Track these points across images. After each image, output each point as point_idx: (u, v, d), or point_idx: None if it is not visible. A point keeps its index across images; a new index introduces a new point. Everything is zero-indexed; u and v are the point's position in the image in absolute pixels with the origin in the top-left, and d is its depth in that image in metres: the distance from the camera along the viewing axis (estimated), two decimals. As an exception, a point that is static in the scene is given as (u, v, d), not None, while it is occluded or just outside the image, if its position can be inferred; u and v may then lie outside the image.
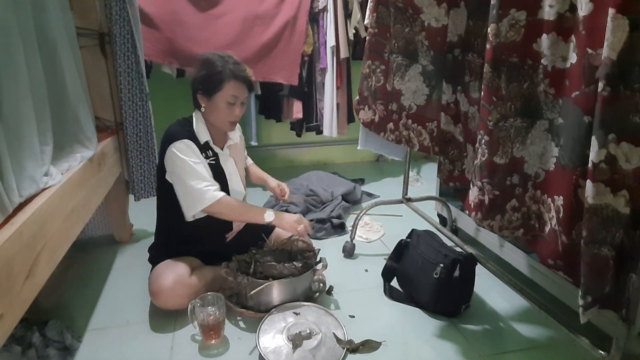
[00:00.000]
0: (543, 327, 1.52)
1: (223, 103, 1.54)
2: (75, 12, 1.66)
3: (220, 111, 1.55)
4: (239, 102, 1.56)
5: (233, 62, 1.54)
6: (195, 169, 1.50)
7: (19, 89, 1.12)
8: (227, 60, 1.54)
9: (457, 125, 1.49)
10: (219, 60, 1.53)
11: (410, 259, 1.69)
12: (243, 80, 1.54)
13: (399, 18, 1.57)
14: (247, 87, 1.56)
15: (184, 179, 1.51)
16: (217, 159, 1.61)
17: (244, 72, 1.54)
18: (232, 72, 1.52)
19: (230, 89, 1.52)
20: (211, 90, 1.53)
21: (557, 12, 1.03)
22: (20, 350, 1.28)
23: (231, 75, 1.51)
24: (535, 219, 1.19)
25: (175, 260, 1.58)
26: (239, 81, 1.53)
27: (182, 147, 1.52)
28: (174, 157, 1.51)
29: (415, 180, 3.07)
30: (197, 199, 1.51)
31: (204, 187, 1.50)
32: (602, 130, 0.90)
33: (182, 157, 1.50)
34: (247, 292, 1.53)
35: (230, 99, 1.53)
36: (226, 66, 1.52)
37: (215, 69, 1.52)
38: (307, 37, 2.70)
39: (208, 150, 1.60)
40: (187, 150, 1.52)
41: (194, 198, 1.52)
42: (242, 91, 1.55)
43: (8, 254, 0.95)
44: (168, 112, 3.02)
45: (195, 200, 1.52)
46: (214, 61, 1.53)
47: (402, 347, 1.44)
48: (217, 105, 1.54)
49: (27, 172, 1.13)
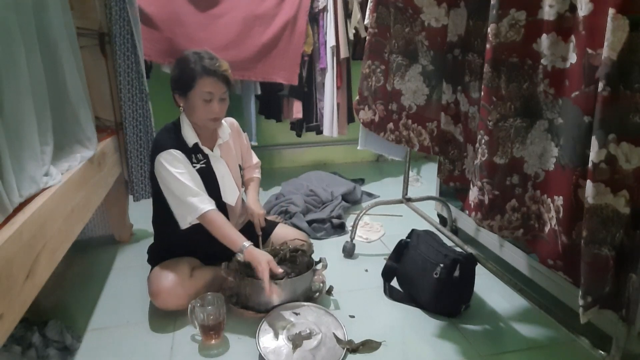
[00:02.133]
0: (543, 327, 1.52)
1: (199, 100, 1.49)
2: (75, 12, 1.66)
3: (198, 109, 1.51)
4: (217, 98, 1.50)
5: (208, 57, 1.49)
6: (181, 180, 1.47)
7: (20, 88, 1.12)
8: (201, 56, 1.49)
9: (457, 125, 1.49)
10: (192, 57, 1.49)
11: (410, 259, 1.69)
12: (216, 75, 1.48)
13: (399, 18, 1.57)
14: (222, 81, 1.50)
15: (172, 191, 1.49)
16: (207, 162, 1.59)
17: (215, 66, 1.48)
18: (203, 67, 1.46)
19: (203, 85, 1.47)
20: (185, 88, 1.49)
21: (557, 12, 1.03)
22: (20, 350, 1.28)
23: (203, 71, 1.46)
24: (534, 219, 1.19)
25: (175, 261, 1.58)
26: (211, 76, 1.47)
27: (168, 158, 1.48)
28: (161, 168, 1.49)
29: (415, 180, 3.07)
30: (185, 211, 1.49)
31: (190, 199, 1.47)
32: (602, 130, 0.90)
33: (168, 169, 1.47)
34: (247, 292, 1.54)
35: (206, 96, 1.48)
36: (198, 62, 1.47)
37: (188, 65, 1.47)
38: (307, 37, 2.70)
39: (198, 153, 1.57)
40: (173, 161, 1.49)
41: (181, 210, 1.49)
42: (217, 86, 1.49)
43: (8, 254, 0.95)
44: (168, 112, 3.03)
45: (183, 213, 1.49)
46: (188, 58, 1.49)
47: (402, 347, 1.44)
48: (194, 103, 1.50)
49: (27, 172, 1.13)
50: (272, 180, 2.97)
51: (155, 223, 1.71)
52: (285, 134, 3.22)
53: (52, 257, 1.21)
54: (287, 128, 3.09)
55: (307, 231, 2.16)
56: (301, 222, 2.25)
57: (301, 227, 2.19)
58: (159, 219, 1.67)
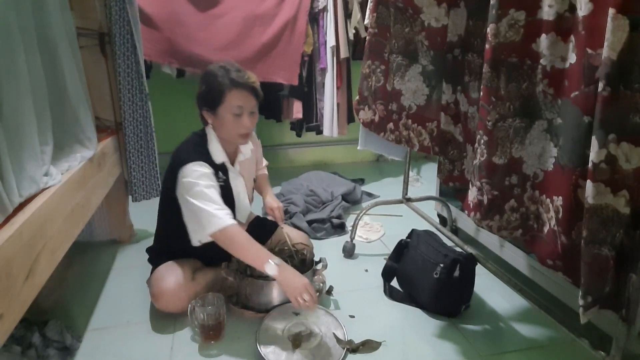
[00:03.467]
0: (543, 327, 1.52)
1: (229, 115, 1.45)
2: (75, 12, 1.66)
3: (228, 124, 1.47)
4: (247, 111, 1.47)
5: (235, 70, 1.46)
6: (206, 192, 1.40)
7: (19, 89, 1.12)
8: (228, 70, 1.45)
9: (456, 126, 1.49)
10: (219, 71, 1.45)
11: (410, 259, 1.69)
12: (246, 88, 1.45)
13: (399, 18, 1.57)
14: (252, 94, 1.47)
15: (194, 202, 1.40)
16: (227, 179, 1.55)
17: (244, 79, 1.45)
18: (232, 80, 1.43)
19: (233, 99, 1.44)
20: (214, 103, 1.45)
21: (557, 12, 1.03)
22: (20, 350, 1.28)
23: (232, 84, 1.43)
24: (533, 220, 1.19)
25: (177, 263, 1.57)
26: (241, 89, 1.44)
27: (195, 170, 1.42)
28: (185, 179, 1.42)
29: (415, 180, 3.07)
30: (205, 222, 1.40)
31: (214, 210, 1.39)
32: (602, 130, 0.90)
33: (194, 181, 1.41)
34: (247, 292, 1.54)
35: (236, 110, 1.45)
36: (226, 75, 1.44)
37: (216, 79, 1.44)
38: (307, 37, 2.70)
39: (220, 170, 1.53)
40: (200, 174, 1.43)
41: (201, 221, 1.41)
42: (247, 100, 1.46)
43: (8, 254, 0.95)
44: (168, 112, 3.04)
45: (202, 224, 1.40)
46: (214, 72, 1.45)
47: (402, 347, 1.44)
48: (224, 118, 1.46)
49: (27, 172, 1.13)
50: (272, 180, 2.92)
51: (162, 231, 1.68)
52: (285, 134, 3.22)
53: (52, 257, 1.21)
54: (287, 128, 3.09)
55: (307, 231, 2.16)
56: (301, 222, 2.25)
57: (301, 227, 2.19)
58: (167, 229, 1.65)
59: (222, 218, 1.39)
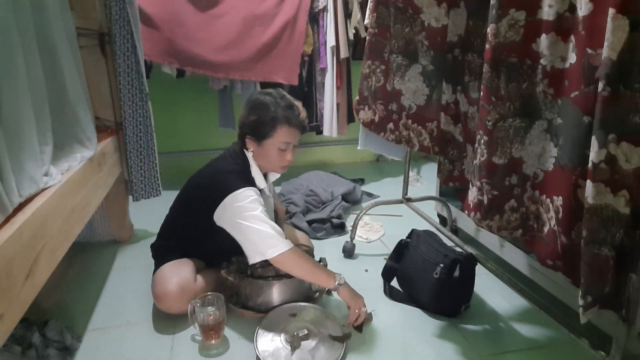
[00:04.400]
0: (543, 327, 1.52)
1: (275, 149, 1.47)
2: (75, 12, 1.66)
3: (271, 157, 1.50)
4: (291, 146, 1.50)
5: (285, 106, 1.47)
6: (262, 216, 1.41)
7: (18, 89, 1.12)
8: (278, 103, 1.46)
9: (456, 126, 1.49)
10: (271, 104, 1.45)
11: (410, 259, 1.69)
12: (296, 126, 1.47)
13: (399, 18, 1.57)
14: (300, 131, 1.50)
15: (256, 225, 1.40)
16: None
17: (298, 118, 1.47)
18: (285, 117, 1.44)
19: (282, 136, 1.46)
20: (262, 136, 1.47)
21: (557, 12, 1.03)
22: (20, 350, 1.28)
23: (285, 121, 1.44)
24: (533, 220, 1.19)
25: (180, 264, 1.56)
26: (292, 127, 1.46)
27: (249, 196, 1.42)
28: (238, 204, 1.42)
29: (415, 180, 3.07)
30: (270, 245, 1.40)
31: (277, 233, 1.40)
32: (602, 130, 0.90)
33: (249, 205, 1.41)
34: (247, 292, 1.54)
35: (283, 145, 1.47)
36: (278, 110, 1.45)
37: (267, 114, 1.45)
38: (307, 37, 2.70)
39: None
40: (252, 199, 1.42)
41: (267, 244, 1.40)
42: (294, 137, 1.49)
43: (8, 254, 0.95)
44: (168, 112, 3.05)
45: (267, 246, 1.40)
46: (266, 104, 1.46)
47: (402, 347, 1.44)
48: (268, 151, 1.49)
49: (27, 172, 1.13)
50: (272, 180, 2.97)
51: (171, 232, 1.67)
52: (285, 134, 3.22)
53: (52, 257, 1.21)
54: (287, 128, 3.09)
55: (307, 231, 2.16)
56: (301, 222, 2.25)
57: (301, 227, 2.19)
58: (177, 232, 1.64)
59: (285, 241, 1.41)
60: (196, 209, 1.53)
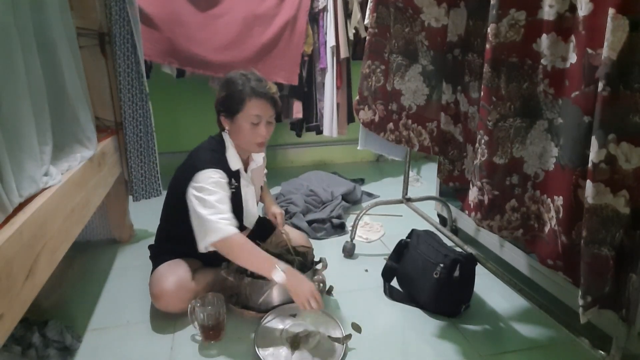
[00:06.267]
0: (543, 327, 1.52)
1: (247, 123, 1.48)
2: (75, 12, 1.66)
3: (244, 132, 1.49)
4: (264, 121, 1.49)
5: (255, 79, 1.48)
6: (213, 202, 1.39)
7: (18, 89, 1.12)
8: (248, 78, 1.47)
9: (457, 126, 1.49)
10: (239, 79, 1.47)
11: (410, 259, 1.69)
12: (265, 97, 1.47)
13: (399, 18, 1.57)
14: (271, 104, 1.49)
15: (200, 211, 1.40)
16: (238, 186, 1.57)
17: (265, 89, 1.47)
18: (252, 89, 1.45)
19: (252, 108, 1.46)
20: (233, 110, 1.48)
21: (557, 12, 1.03)
22: (20, 350, 1.28)
23: (252, 93, 1.45)
24: (534, 219, 1.19)
25: (177, 263, 1.57)
26: (261, 98, 1.46)
27: (211, 177, 1.42)
28: (198, 184, 1.42)
29: (415, 180, 3.07)
30: (208, 231, 1.39)
31: (217, 219, 1.38)
32: (602, 130, 0.90)
33: (205, 187, 1.41)
34: (247, 292, 1.54)
35: (254, 119, 1.47)
36: (247, 84, 1.46)
37: (236, 87, 1.46)
38: (307, 37, 2.70)
39: (233, 178, 1.54)
40: (214, 181, 1.42)
41: (205, 230, 1.40)
42: (265, 109, 1.48)
43: (8, 254, 0.95)
44: (168, 112, 3.05)
45: (206, 233, 1.40)
46: (235, 80, 1.47)
47: (402, 347, 1.44)
48: (241, 126, 1.49)
49: (27, 172, 1.13)
50: (272, 180, 2.96)
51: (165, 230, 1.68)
52: (285, 134, 3.22)
53: (52, 257, 1.21)
54: (287, 128, 3.09)
55: (307, 231, 2.16)
56: (301, 222, 2.25)
57: (301, 227, 2.19)
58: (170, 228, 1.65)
59: (223, 228, 1.38)
60: (178, 196, 1.51)
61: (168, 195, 1.65)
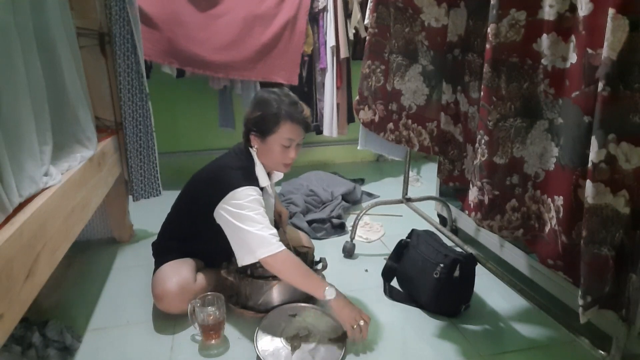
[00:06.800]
0: (543, 327, 1.52)
1: (278, 146, 1.48)
2: (75, 12, 1.66)
3: (274, 153, 1.50)
4: (294, 144, 1.50)
5: (289, 102, 1.48)
6: (257, 217, 1.40)
7: (18, 89, 1.12)
8: (282, 100, 1.47)
9: (457, 125, 1.49)
10: (273, 100, 1.47)
11: (410, 259, 1.69)
12: (300, 122, 1.47)
13: (399, 18, 1.57)
14: (304, 128, 1.50)
15: (243, 227, 1.39)
16: None
17: (301, 115, 1.48)
18: (288, 113, 1.45)
19: (286, 132, 1.46)
20: (266, 131, 1.47)
21: (557, 12, 1.03)
22: (20, 350, 1.28)
23: (287, 117, 1.45)
24: (535, 219, 1.19)
25: (179, 263, 1.56)
26: (295, 123, 1.46)
27: (249, 194, 1.43)
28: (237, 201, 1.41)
29: (415, 180, 3.07)
30: (259, 246, 1.38)
31: (268, 234, 1.39)
32: (602, 130, 0.90)
33: (246, 204, 1.41)
34: (247, 292, 1.54)
35: (286, 142, 1.47)
36: (282, 106, 1.46)
37: (271, 110, 1.46)
38: (307, 37, 2.70)
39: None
40: (252, 199, 1.43)
41: (254, 245, 1.39)
42: (298, 133, 1.49)
43: (8, 254, 0.95)
44: (168, 112, 3.05)
45: (255, 248, 1.39)
46: (269, 100, 1.47)
47: (402, 347, 1.44)
48: (272, 147, 1.49)
49: (27, 172, 1.13)
50: (272, 180, 2.97)
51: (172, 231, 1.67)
52: (285, 134, 3.22)
53: (52, 257, 1.21)
54: (287, 128, 3.09)
55: (307, 231, 2.16)
56: (301, 222, 2.25)
57: (301, 227, 2.19)
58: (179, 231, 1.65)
59: (275, 244, 1.39)
60: (198, 205, 1.53)
61: (184, 199, 1.64)
